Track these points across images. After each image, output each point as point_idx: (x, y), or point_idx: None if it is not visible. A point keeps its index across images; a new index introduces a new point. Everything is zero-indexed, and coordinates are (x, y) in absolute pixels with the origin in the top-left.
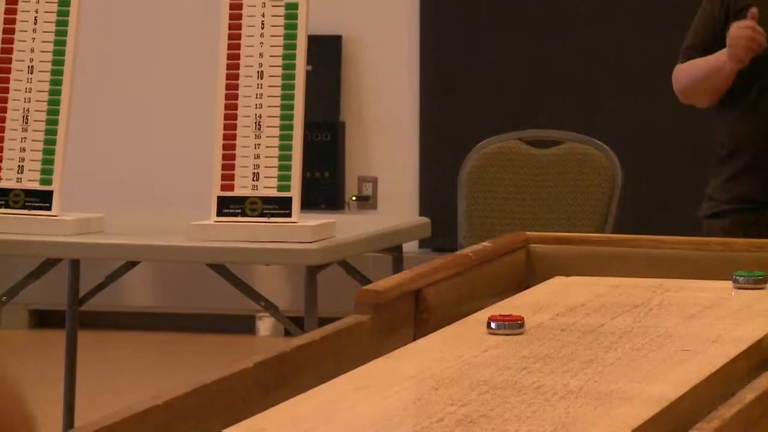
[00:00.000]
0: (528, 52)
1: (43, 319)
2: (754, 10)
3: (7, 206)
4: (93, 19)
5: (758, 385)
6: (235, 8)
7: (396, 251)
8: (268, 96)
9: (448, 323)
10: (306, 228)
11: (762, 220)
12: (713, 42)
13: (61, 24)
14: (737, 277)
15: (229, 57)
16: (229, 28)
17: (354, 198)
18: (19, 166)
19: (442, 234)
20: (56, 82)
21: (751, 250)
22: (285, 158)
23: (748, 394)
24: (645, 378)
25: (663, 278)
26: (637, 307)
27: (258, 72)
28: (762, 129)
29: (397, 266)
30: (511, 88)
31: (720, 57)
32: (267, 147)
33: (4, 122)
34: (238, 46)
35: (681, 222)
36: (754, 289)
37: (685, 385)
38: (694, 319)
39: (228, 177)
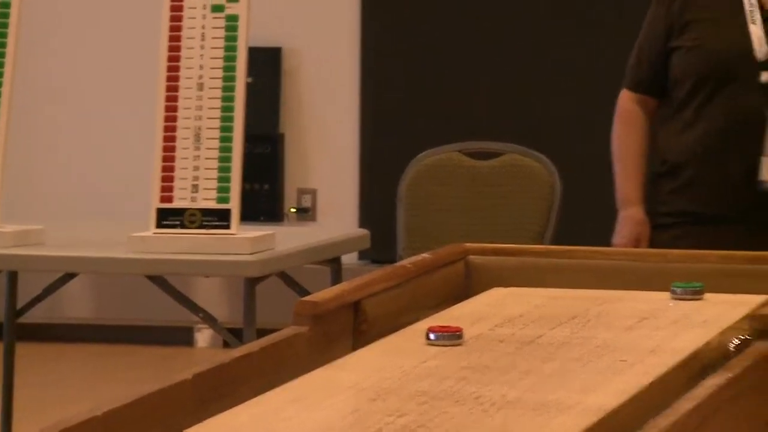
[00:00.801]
0: (468, 64)
1: None
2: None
3: None
4: (34, 31)
5: (695, 395)
6: (176, 19)
7: (335, 263)
8: (208, 108)
9: (387, 334)
10: (245, 240)
11: (701, 233)
12: (656, 59)
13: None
14: (675, 288)
15: (169, 69)
16: (169, 40)
17: (293, 210)
18: None
19: (381, 245)
20: None
21: (689, 261)
22: (224, 170)
23: (685, 404)
24: (582, 388)
25: (601, 289)
26: (575, 318)
27: (198, 83)
28: (702, 145)
29: (336, 278)
30: (451, 100)
31: (622, 192)
32: (206, 159)
33: None
34: (178, 58)
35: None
36: (691, 299)
37: (623, 395)
38: (631, 330)
39: (167, 189)
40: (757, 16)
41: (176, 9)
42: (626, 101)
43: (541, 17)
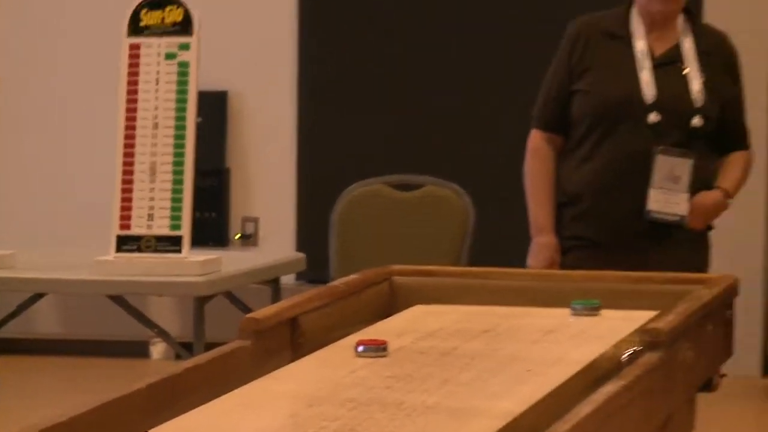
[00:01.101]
0: (392, 107)
1: None
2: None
3: None
4: (4, 65)
5: (592, 401)
6: (133, 65)
7: (275, 283)
8: (162, 145)
9: (321, 347)
10: (195, 263)
11: (597, 256)
12: (560, 101)
13: None
14: (575, 306)
15: (128, 110)
16: (128, 83)
17: (238, 236)
18: None
19: (315, 267)
20: None
21: (587, 281)
22: (176, 200)
23: (584, 409)
24: (493, 396)
25: (510, 306)
26: (487, 332)
27: (153, 123)
28: (598, 178)
29: (276, 297)
30: (378, 138)
31: (536, 221)
32: (161, 190)
33: None
34: (135, 100)
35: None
36: (589, 315)
37: (528, 401)
38: (537, 343)
39: (126, 217)
40: (647, 63)
41: (134, 56)
42: (536, 139)
43: (458, 65)
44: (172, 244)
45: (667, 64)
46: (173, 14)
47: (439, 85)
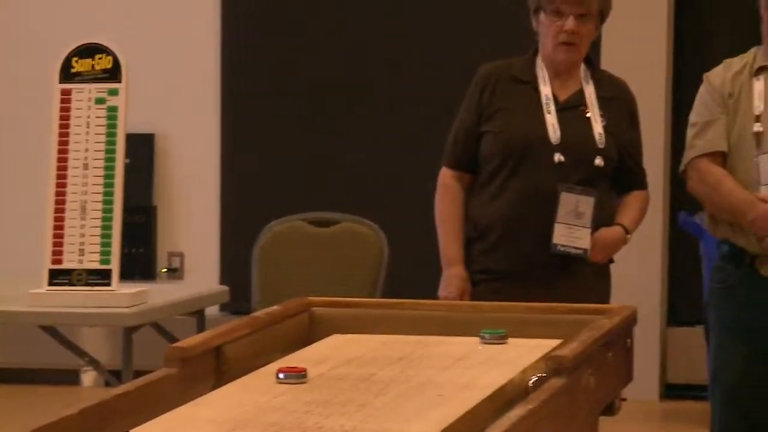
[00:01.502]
0: (312, 147)
1: None
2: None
3: None
4: None
5: (500, 425)
6: (65, 110)
7: (199, 314)
8: (93, 184)
9: (244, 374)
10: (123, 295)
11: (505, 288)
12: (470, 142)
13: None
14: (484, 334)
15: (60, 151)
16: (60, 127)
17: (164, 270)
18: None
19: (238, 299)
20: None
21: (495, 311)
22: (106, 236)
23: (493, 431)
24: (408, 419)
25: (423, 335)
26: (401, 360)
27: (84, 164)
28: (505, 214)
29: (201, 327)
30: (297, 176)
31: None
32: (91, 227)
33: None
34: (67, 142)
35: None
36: (497, 344)
37: (441, 424)
38: (448, 369)
39: (58, 252)
40: (552, 107)
41: (65, 101)
42: (446, 177)
43: (370, 108)
44: (101, 277)
45: (571, 109)
46: (103, 62)
47: (355, 128)
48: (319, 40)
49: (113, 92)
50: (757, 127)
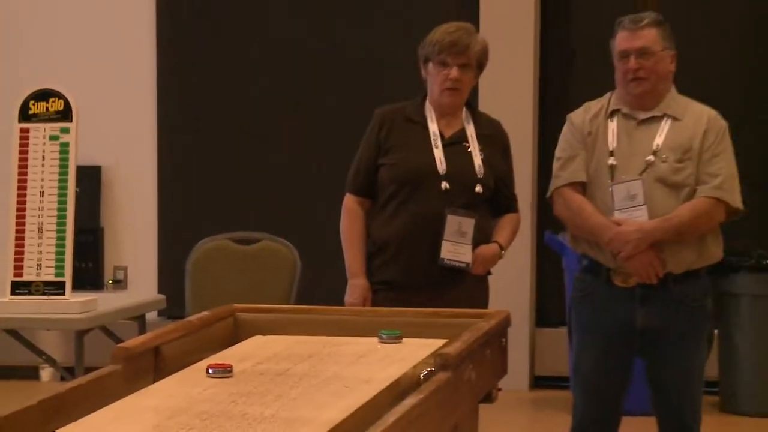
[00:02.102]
0: (237, 175)
1: None
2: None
3: None
4: None
5: (397, 411)
6: (23, 145)
7: (141, 319)
8: (48, 209)
9: (179, 370)
10: (75, 303)
11: (400, 296)
12: (370, 172)
13: None
14: (382, 335)
15: (19, 181)
16: (19, 160)
17: (110, 281)
18: None
19: (174, 306)
20: None
21: (392, 316)
22: (60, 253)
23: (391, 417)
24: (318, 407)
25: (330, 336)
26: (312, 357)
27: (40, 191)
28: (400, 233)
29: (142, 330)
30: (224, 201)
31: (351, 267)
32: (47, 245)
33: None
34: (25, 173)
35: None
36: (393, 343)
37: (347, 411)
38: (352, 365)
39: (18, 267)
40: (439, 143)
41: (24, 138)
42: (349, 202)
43: (288, 143)
44: (57, 288)
45: (455, 144)
46: (56, 104)
47: (273, 161)
48: (244, 83)
49: (65, 130)
50: (612, 161)
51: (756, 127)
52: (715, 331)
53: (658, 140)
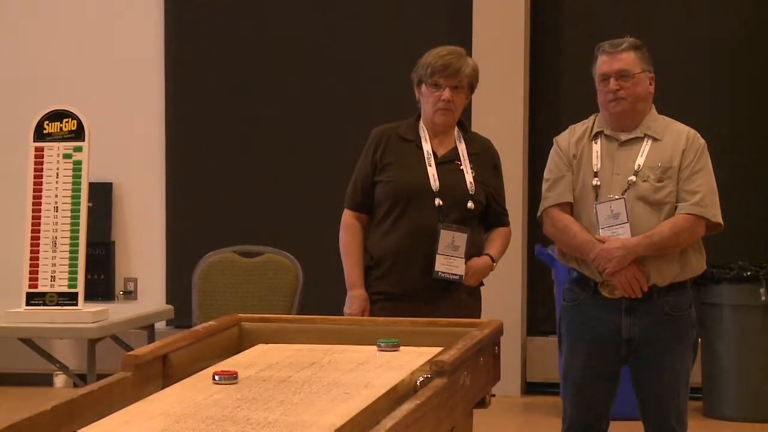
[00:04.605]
0: (242, 191)
1: None
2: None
3: None
4: None
5: (395, 416)
6: (38, 163)
7: (150, 328)
8: (62, 223)
9: (186, 377)
10: (88, 313)
11: (397, 306)
12: (367, 189)
13: None
14: (380, 343)
15: (34, 197)
16: (34, 177)
17: (121, 292)
18: None
19: (181, 316)
20: None
21: (389, 325)
22: (73, 266)
23: (389, 422)
24: (319, 412)
25: (331, 344)
26: (313, 364)
27: (54, 207)
28: (396, 247)
29: (151, 338)
30: (229, 216)
31: (350, 279)
32: (61, 258)
33: None
34: (40, 190)
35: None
36: (391, 351)
37: (347, 416)
38: (352, 372)
39: (33, 278)
40: (432, 161)
41: (39, 156)
42: (348, 217)
43: (290, 162)
44: (70, 298)
45: (447, 162)
46: (69, 124)
47: (279, 176)
48: (249, 102)
49: (78, 149)
50: (596, 181)
51: (736, 141)
52: (699, 340)
53: (639, 161)
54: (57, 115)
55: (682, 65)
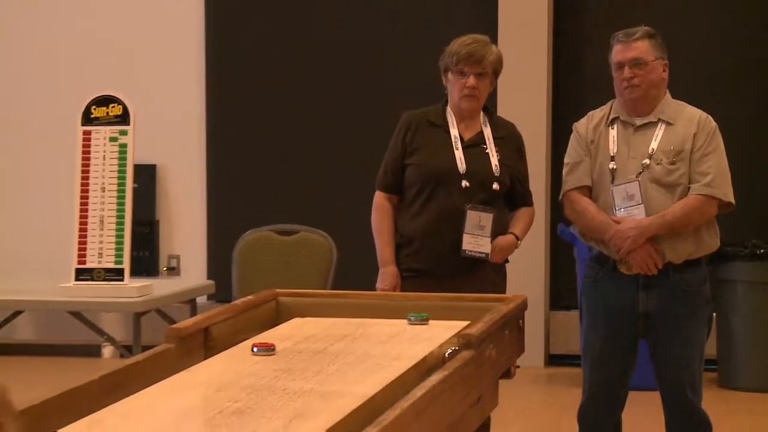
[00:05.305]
0: (280, 171)
1: None
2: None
3: None
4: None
5: (424, 386)
6: (86, 146)
7: (192, 302)
8: (108, 203)
9: (226, 349)
10: (133, 288)
11: (427, 282)
12: (397, 171)
13: None
14: (410, 317)
15: (83, 178)
16: (82, 159)
17: (165, 268)
18: None
19: (222, 290)
20: None
21: (419, 300)
22: (119, 243)
23: (418, 392)
24: (353, 382)
25: (363, 318)
26: (347, 336)
27: (101, 187)
28: (425, 226)
29: (193, 312)
30: (267, 195)
31: (382, 256)
32: (107, 236)
33: None
34: (88, 171)
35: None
36: (420, 324)
37: (378, 386)
38: (383, 344)
39: (82, 255)
40: (459, 145)
41: (86, 139)
42: (379, 198)
43: (324, 145)
44: (116, 274)
45: (474, 146)
46: (115, 109)
47: (315, 158)
48: (286, 88)
49: (123, 133)
50: (612, 165)
51: (749, 122)
52: (714, 314)
53: (653, 144)
54: (104, 101)
55: (697, 48)
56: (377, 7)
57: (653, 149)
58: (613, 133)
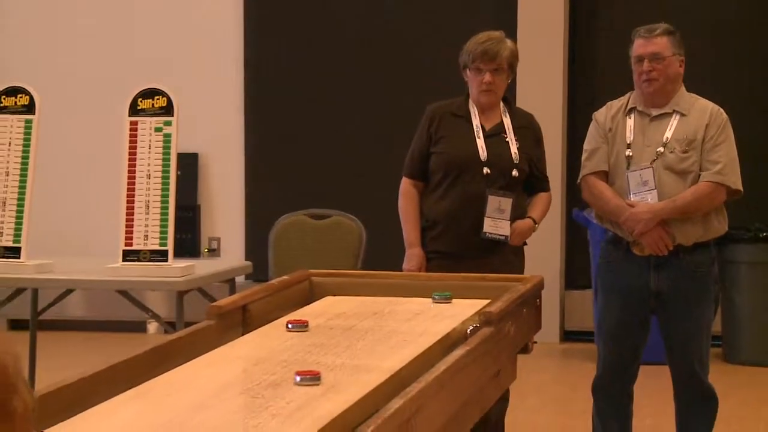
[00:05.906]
0: (313, 159)
1: (15, 326)
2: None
3: None
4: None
5: (448, 360)
6: (132, 135)
7: (231, 282)
8: (153, 189)
9: (263, 325)
10: (176, 268)
11: (450, 264)
12: (422, 159)
13: None
14: (435, 296)
15: (129, 166)
16: (129, 147)
17: (206, 250)
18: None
19: (259, 271)
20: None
21: (443, 280)
22: (164, 226)
23: (442, 366)
24: (381, 357)
25: (391, 297)
26: (375, 314)
27: (147, 174)
28: (450, 209)
29: (232, 291)
30: (301, 182)
31: (408, 238)
32: (153, 219)
33: None
34: (134, 159)
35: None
36: (444, 303)
37: (404, 361)
38: (409, 321)
39: (129, 237)
40: (481, 134)
41: (133, 129)
42: (406, 184)
43: (355, 135)
44: (161, 255)
45: (494, 135)
46: (160, 101)
47: (346, 147)
48: (320, 81)
49: (168, 123)
50: (628, 152)
51: (754, 112)
52: (720, 294)
53: (668, 134)
54: (149, 93)
55: (706, 42)
56: (406, 9)
57: (667, 138)
58: (630, 122)
